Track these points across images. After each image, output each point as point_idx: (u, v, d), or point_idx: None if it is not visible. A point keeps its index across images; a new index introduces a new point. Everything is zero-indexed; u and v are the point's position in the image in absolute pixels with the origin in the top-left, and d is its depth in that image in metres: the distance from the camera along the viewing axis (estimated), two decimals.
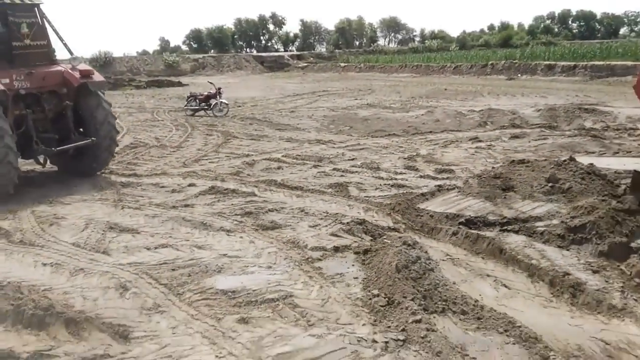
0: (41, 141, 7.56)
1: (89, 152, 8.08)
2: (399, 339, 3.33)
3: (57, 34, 8.12)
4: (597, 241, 5.06)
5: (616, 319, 3.72)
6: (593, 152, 9.30)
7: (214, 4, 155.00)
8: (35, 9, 7.85)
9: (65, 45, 8.30)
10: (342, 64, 43.91)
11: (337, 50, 58.36)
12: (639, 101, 6.13)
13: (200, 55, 52.82)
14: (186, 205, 6.56)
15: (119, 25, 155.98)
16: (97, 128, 8.03)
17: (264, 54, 56.53)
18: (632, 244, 5.06)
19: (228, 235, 5.41)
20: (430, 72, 33.74)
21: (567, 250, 4.95)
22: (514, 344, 3.35)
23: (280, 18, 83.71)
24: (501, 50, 43.73)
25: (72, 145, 7.80)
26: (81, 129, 8.23)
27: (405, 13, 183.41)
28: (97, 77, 8.22)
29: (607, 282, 4.25)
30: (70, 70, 7.93)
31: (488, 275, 4.46)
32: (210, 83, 18.13)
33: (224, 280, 4.32)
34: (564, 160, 7.38)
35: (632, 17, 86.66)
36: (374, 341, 3.33)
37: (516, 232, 5.45)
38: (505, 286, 4.26)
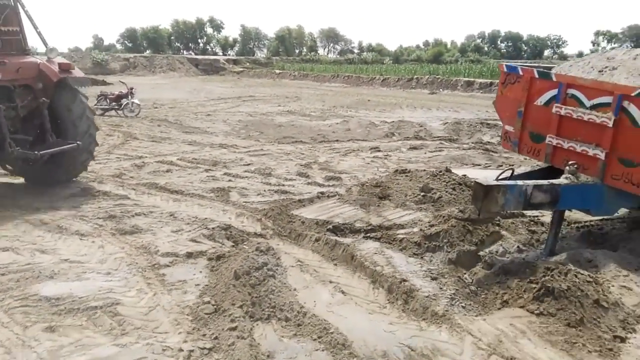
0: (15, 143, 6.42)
1: (65, 156, 7.00)
2: (205, 348, 3.29)
3: (31, 20, 7.10)
4: (448, 249, 5.27)
5: (434, 325, 3.86)
6: (479, 165, 9.75)
7: (151, 4, 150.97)
8: None
9: (39, 34, 7.24)
10: (277, 71, 43.90)
11: (274, 58, 58.31)
12: (499, 117, 6.48)
13: (132, 55, 51.09)
14: (51, 208, 6.24)
15: (53, 20, 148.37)
16: (76, 129, 7.04)
17: (199, 57, 55.51)
18: (480, 253, 5.32)
19: (80, 239, 5.19)
20: (360, 83, 34.35)
21: (417, 257, 5.11)
22: (322, 350, 3.39)
23: (218, 22, 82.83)
24: (430, 65, 45.29)
25: (59, 149, 6.67)
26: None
27: (345, 25, 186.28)
28: (77, 72, 7.28)
29: (440, 289, 4.41)
30: (47, 63, 6.97)
31: (331, 282, 4.51)
32: (122, 82, 17.57)
33: (52, 286, 4.12)
34: (440, 171, 7.68)
35: (555, 41, 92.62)
36: (180, 350, 3.27)
37: (378, 239, 5.58)
38: (343, 292, 4.33)
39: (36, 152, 6.36)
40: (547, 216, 6.76)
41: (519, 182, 5.00)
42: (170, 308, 3.85)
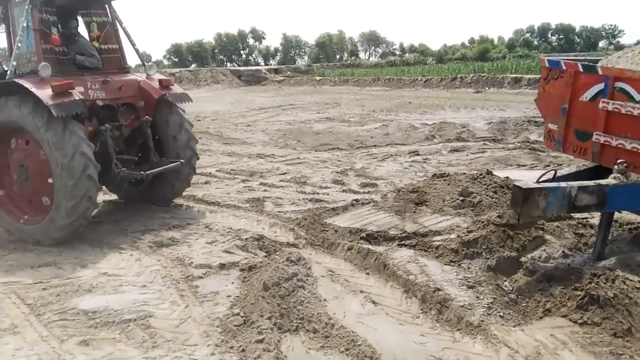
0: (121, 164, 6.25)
1: (166, 177, 6.81)
2: None
3: (128, 37, 6.95)
4: (487, 256, 5.07)
5: (468, 336, 3.70)
6: (524, 165, 9.39)
7: (195, 20, 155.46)
8: (107, 6, 6.75)
9: (136, 51, 7.17)
10: (318, 78, 44.08)
11: (314, 65, 58.65)
12: (542, 115, 6.20)
13: (177, 70, 52.68)
14: (92, 222, 6.46)
15: None
16: (178, 150, 6.78)
17: (241, 68, 56.59)
18: (522, 259, 5.09)
19: (120, 252, 5.33)
20: (402, 86, 33.96)
21: (454, 265, 4.94)
22: None
23: (260, 32, 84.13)
24: (476, 63, 44.24)
25: (163, 168, 6.40)
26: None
27: (386, 27, 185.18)
28: (177, 88, 7.08)
29: (477, 297, 4.24)
30: (147, 81, 6.80)
31: (362, 292, 4.42)
32: None
33: (90, 299, 4.24)
34: (480, 174, 7.43)
35: (610, 31, 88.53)
36: None
37: (413, 246, 5.44)
38: (374, 302, 4.23)
39: (142, 173, 6.11)
40: (596, 218, 6.40)
41: (562, 184, 4.76)
42: (201, 320, 3.87)
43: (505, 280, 4.71)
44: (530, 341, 3.51)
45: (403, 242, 5.58)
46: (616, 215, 6.08)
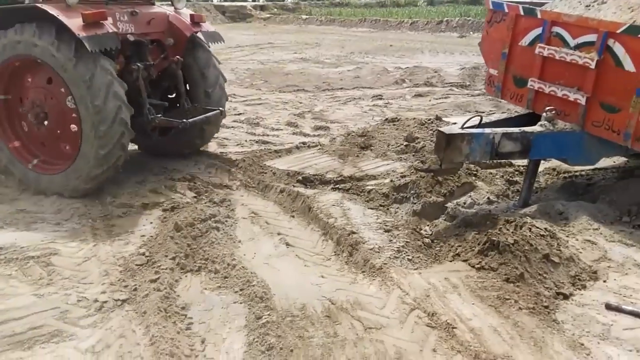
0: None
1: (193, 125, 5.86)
2: (119, 299, 3.30)
3: None
4: (414, 200, 5.08)
5: (368, 278, 3.75)
6: (483, 112, 9.28)
7: None
8: None
9: None
10: (304, 17, 42.74)
11: (302, 2, 56.67)
12: (484, 60, 6.06)
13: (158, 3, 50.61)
14: None
15: None
16: (208, 93, 6.11)
17: (225, 4, 54.40)
18: (448, 204, 5.11)
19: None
20: (388, 28, 33.04)
21: (381, 209, 4.95)
22: (240, 303, 3.35)
23: None
24: (465, 7, 42.98)
25: (204, 116, 5.71)
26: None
27: None
28: (208, 25, 6.24)
29: (390, 241, 4.26)
30: (176, 15, 5.96)
31: (279, 234, 4.43)
32: None
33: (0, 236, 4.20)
34: (429, 120, 7.35)
35: None
36: (95, 301, 3.29)
37: (346, 190, 5.42)
38: (288, 244, 4.25)
39: (184, 121, 5.35)
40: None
41: (487, 130, 4.70)
42: (105, 259, 3.87)
43: (427, 225, 4.75)
44: (423, 284, 3.56)
45: (337, 185, 5.57)
46: (555, 163, 6.10)
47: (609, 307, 3.39)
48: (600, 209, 4.76)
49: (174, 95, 6.27)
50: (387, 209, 5.04)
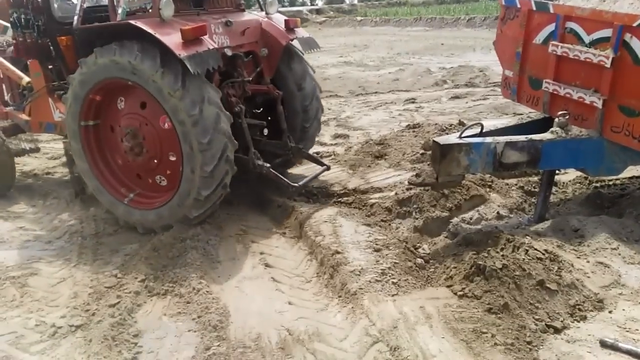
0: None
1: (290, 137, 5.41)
2: (74, 325, 3.27)
3: None
4: (416, 215, 4.76)
5: (340, 305, 3.49)
6: (521, 114, 8.61)
7: None
8: None
9: None
10: (359, 18, 42.44)
11: (359, 4, 56.37)
12: (499, 61, 5.59)
13: None
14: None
15: None
16: (305, 107, 5.50)
17: (282, 9, 55.19)
18: (453, 220, 4.73)
19: (45, 206, 5.38)
20: (444, 26, 32.05)
21: (384, 224, 4.66)
22: (195, 331, 3.20)
23: None
24: None
25: (314, 176, 5.31)
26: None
27: None
28: (303, 31, 5.52)
29: (377, 262, 3.95)
30: (270, 22, 5.31)
31: (262, 253, 4.27)
32: None
33: None
34: (451, 125, 6.91)
35: None
36: (52, 326, 3.29)
37: (349, 204, 5.18)
38: (267, 265, 4.07)
39: (296, 185, 4.87)
40: (567, 174, 5.84)
41: (487, 140, 4.30)
42: (80, 280, 3.86)
43: (427, 243, 4.40)
44: (394, 313, 3.25)
45: (340, 199, 5.32)
46: None
47: (604, 344, 2.94)
48: (625, 225, 4.21)
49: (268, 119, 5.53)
50: (389, 224, 4.74)
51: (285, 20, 5.38)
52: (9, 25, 5.71)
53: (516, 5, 5.01)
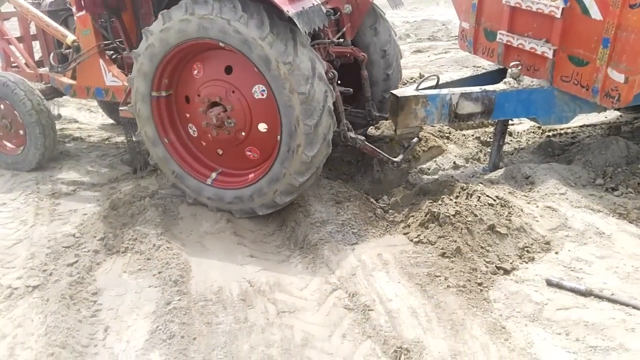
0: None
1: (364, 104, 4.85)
2: (30, 286, 3.22)
3: None
4: (377, 168, 4.80)
5: (300, 256, 3.57)
6: (480, 67, 8.74)
7: None
8: None
9: None
10: None
11: None
12: (456, 13, 5.60)
13: None
14: None
15: None
16: (388, 75, 5.04)
17: None
18: (411, 171, 4.83)
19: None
20: None
21: (343, 178, 4.70)
22: (155, 287, 3.22)
23: None
24: None
25: (409, 149, 4.67)
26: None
27: None
28: None
29: (337, 213, 4.00)
30: None
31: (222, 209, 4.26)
32: None
33: None
34: (412, 78, 6.95)
35: None
36: (8, 287, 3.22)
37: None
38: (228, 220, 4.04)
39: (397, 161, 4.31)
40: (522, 124, 6.01)
41: (443, 91, 4.36)
42: (38, 241, 3.79)
43: (386, 194, 4.49)
44: (353, 261, 3.35)
45: None
46: None
47: (549, 283, 3.12)
48: (574, 171, 4.40)
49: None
50: (352, 177, 4.80)
51: None
52: None
53: None
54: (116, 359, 2.71)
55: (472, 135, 5.53)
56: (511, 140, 5.56)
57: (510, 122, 5.53)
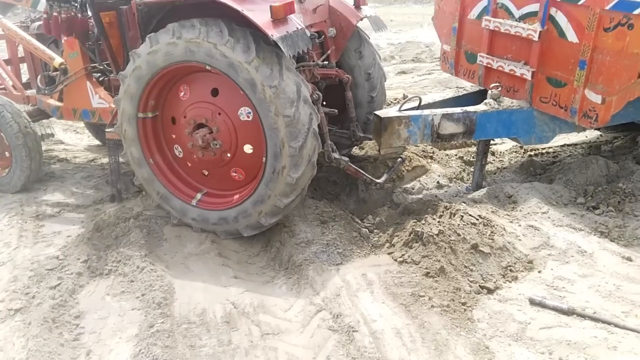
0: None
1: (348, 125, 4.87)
2: (13, 309, 3.19)
3: None
4: (362, 187, 4.85)
5: (285, 277, 3.57)
6: (463, 88, 8.88)
7: None
8: None
9: None
10: None
11: None
12: (438, 35, 5.73)
13: None
14: None
15: None
16: (372, 98, 5.07)
17: None
18: (396, 190, 4.87)
19: None
20: (393, 2, 32.20)
21: (329, 198, 4.73)
22: (138, 309, 3.19)
23: None
24: None
25: (392, 170, 4.74)
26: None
27: None
28: (369, 9, 5.03)
29: (322, 233, 3.99)
30: None
31: (205, 230, 4.26)
32: None
33: None
34: (396, 99, 7.05)
35: None
36: None
37: None
38: (213, 241, 4.04)
39: (379, 182, 4.37)
40: (504, 144, 6.11)
41: (425, 112, 4.44)
42: (21, 263, 3.75)
43: (371, 214, 4.52)
44: (338, 282, 3.36)
45: None
46: None
47: (532, 302, 3.15)
48: (555, 191, 4.47)
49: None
50: (337, 197, 4.84)
51: None
52: None
53: None
54: None
55: (456, 155, 5.61)
56: (494, 160, 5.65)
57: (492, 141, 5.61)
